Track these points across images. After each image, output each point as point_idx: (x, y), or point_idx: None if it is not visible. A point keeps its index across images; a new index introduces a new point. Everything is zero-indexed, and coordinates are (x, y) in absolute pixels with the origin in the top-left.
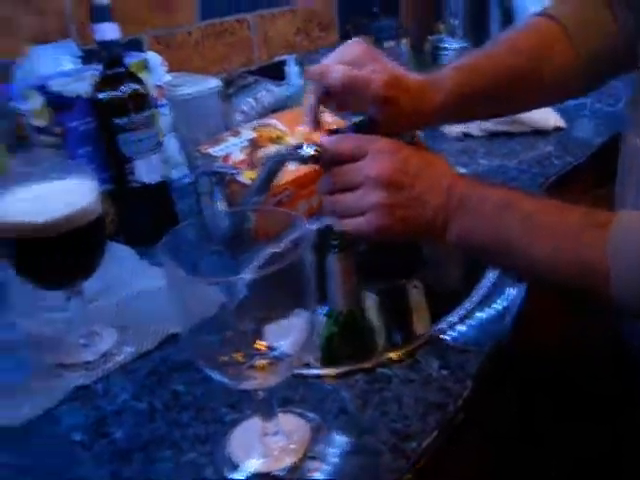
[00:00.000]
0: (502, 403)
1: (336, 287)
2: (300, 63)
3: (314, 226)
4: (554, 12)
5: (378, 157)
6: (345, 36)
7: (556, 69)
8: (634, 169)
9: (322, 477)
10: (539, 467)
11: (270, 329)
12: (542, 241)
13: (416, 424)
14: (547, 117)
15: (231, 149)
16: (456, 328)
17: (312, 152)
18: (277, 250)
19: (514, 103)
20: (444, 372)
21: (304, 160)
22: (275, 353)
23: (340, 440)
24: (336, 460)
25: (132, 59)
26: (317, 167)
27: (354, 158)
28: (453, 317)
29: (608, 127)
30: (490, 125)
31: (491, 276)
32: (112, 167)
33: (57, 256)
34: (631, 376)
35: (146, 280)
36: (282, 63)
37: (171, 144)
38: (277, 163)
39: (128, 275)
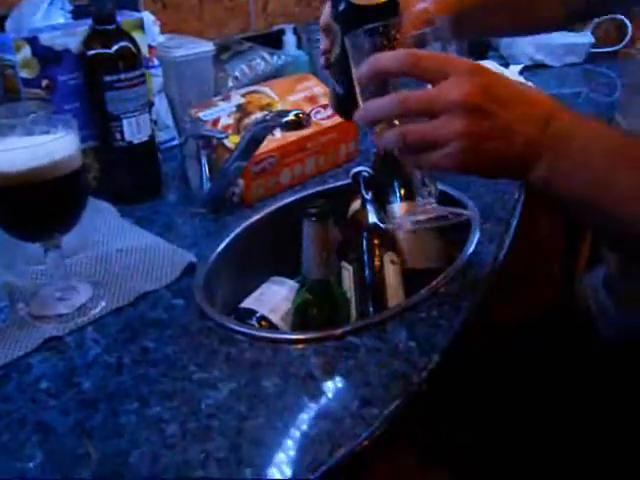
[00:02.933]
0: (466, 378)
1: (312, 255)
2: (298, 34)
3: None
4: None
5: (462, 80)
6: None
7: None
8: None
9: None
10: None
11: None
12: None
13: (379, 392)
14: None
15: (220, 114)
16: (427, 303)
17: (293, 117)
18: None
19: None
20: (411, 344)
21: (285, 126)
22: None
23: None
24: (298, 423)
25: (126, 17)
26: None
27: (434, 80)
28: (425, 292)
29: (603, 116)
30: None
31: (467, 252)
32: (98, 124)
33: (36, 206)
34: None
35: (125, 238)
36: (280, 32)
37: (160, 106)
38: (261, 129)
39: (108, 232)
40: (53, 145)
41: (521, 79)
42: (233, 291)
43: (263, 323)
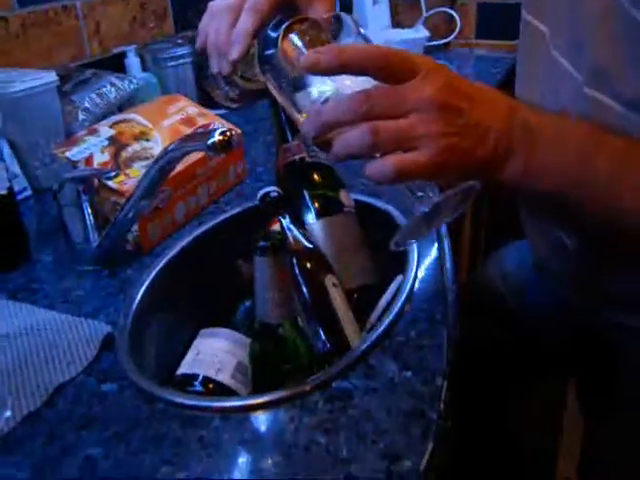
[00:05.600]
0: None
1: (269, 297)
2: (141, 55)
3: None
4: None
5: (430, 77)
6: (183, 26)
7: None
8: None
9: None
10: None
11: None
12: (632, 192)
13: (402, 440)
14: None
15: (92, 150)
16: (398, 324)
17: (220, 137)
18: None
19: None
20: (407, 374)
21: (212, 149)
22: None
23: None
24: None
25: None
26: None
27: (403, 79)
28: (387, 313)
29: None
30: None
31: (411, 262)
32: None
33: None
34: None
35: (9, 320)
36: (121, 55)
37: (2, 152)
38: (170, 160)
39: None
40: None
41: None
42: (162, 356)
43: (210, 386)
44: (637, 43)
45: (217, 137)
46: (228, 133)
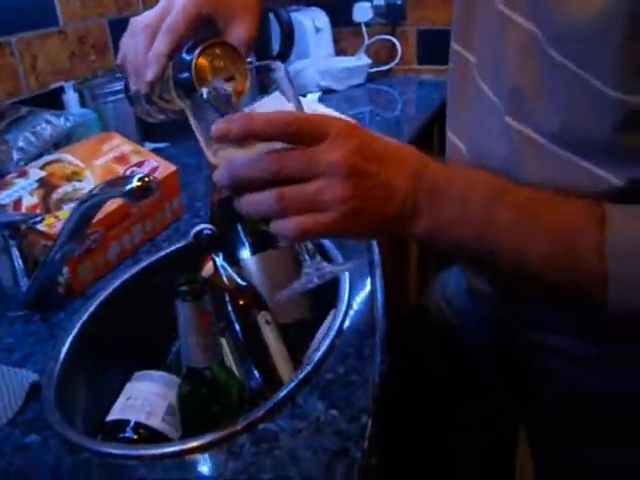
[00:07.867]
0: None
1: (193, 342)
2: (79, 90)
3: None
4: None
5: (339, 140)
6: None
7: None
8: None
9: None
10: None
11: None
12: (536, 241)
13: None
14: None
15: (21, 193)
16: (328, 360)
17: (138, 183)
18: None
19: None
20: (333, 412)
21: (131, 195)
22: None
23: None
24: None
25: None
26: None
27: (313, 142)
28: (318, 349)
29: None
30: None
31: (343, 294)
32: None
33: None
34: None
35: None
36: (58, 91)
37: None
38: (91, 206)
39: None
40: None
41: (321, 106)
42: (94, 402)
43: (141, 432)
44: (552, 78)
45: (135, 183)
46: (146, 179)
